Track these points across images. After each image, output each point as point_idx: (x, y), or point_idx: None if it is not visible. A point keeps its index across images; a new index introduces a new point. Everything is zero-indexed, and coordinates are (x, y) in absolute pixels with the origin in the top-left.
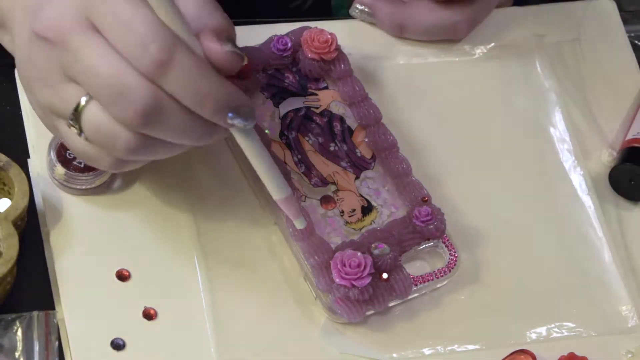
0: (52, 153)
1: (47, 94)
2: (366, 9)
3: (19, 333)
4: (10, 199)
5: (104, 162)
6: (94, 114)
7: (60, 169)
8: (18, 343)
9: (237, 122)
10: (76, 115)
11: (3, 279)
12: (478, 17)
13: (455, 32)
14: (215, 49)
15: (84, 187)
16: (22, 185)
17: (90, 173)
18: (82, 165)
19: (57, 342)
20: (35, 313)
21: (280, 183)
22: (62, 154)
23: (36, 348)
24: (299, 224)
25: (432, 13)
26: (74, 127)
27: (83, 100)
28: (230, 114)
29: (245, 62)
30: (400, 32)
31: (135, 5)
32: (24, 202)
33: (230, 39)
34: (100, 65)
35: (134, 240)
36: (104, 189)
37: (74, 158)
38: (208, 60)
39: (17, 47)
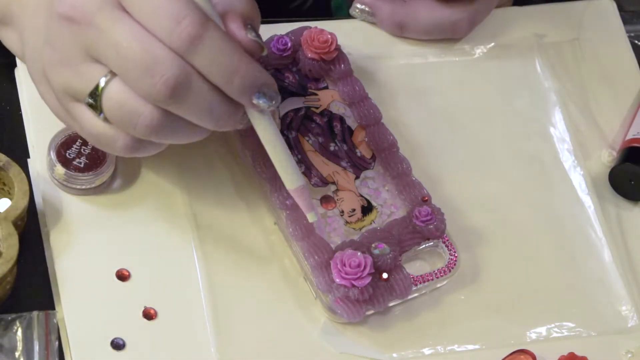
0: (52, 153)
1: (66, 75)
2: (366, 9)
3: (19, 333)
4: (10, 199)
5: (119, 144)
6: (116, 91)
7: (60, 169)
8: (18, 343)
9: (262, 102)
10: (96, 94)
11: (3, 279)
12: (478, 16)
13: (455, 31)
14: (239, 34)
15: (83, 187)
16: (22, 185)
17: (90, 173)
18: (82, 165)
19: (57, 342)
20: (35, 313)
21: (294, 172)
22: (62, 154)
23: (36, 348)
24: (311, 217)
25: (432, 12)
26: (92, 107)
27: (104, 80)
28: (256, 94)
29: (265, 53)
30: (401, 31)
31: None
32: (24, 202)
33: (254, 27)
34: (129, 40)
35: (134, 240)
36: (103, 188)
37: (74, 158)
38: None
39: (30, 37)
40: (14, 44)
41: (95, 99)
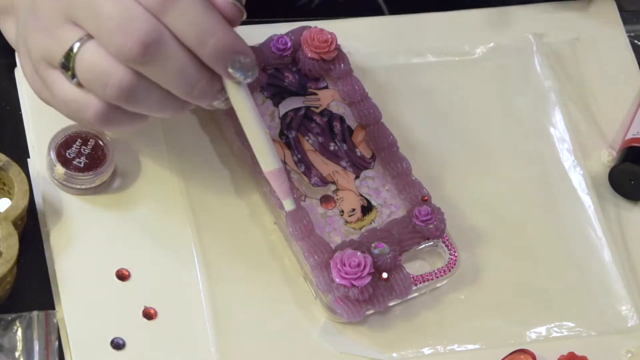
0: (52, 153)
1: (44, 40)
2: None
3: (19, 333)
4: (10, 199)
5: (90, 111)
6: (90, 53)
7: (60, 169)
8: (18, 343)
9: (238, 73)
10: (70, 56)
11: (3, 279)
12: None
13: None
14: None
15: (83, 186)
16: (22, 185)
17: (90, 173)
18: (82, 165)
19: (57, 342)
20: (35, 313)
21: (271, 154)
22: (62, 153)
23: (36, 348)
24: (288, 205)
25: None
26: (66, 70)
27: (79, 43)
28: (231, 63)
29: (244, 17)
30: None
31: None
32: (24, 202)
33: None
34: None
35: (134, 240)
36: (103, 188)
37: (74, 158)
38: None
39: (21, 13)
40: (12, 34)
41: (68, 61)
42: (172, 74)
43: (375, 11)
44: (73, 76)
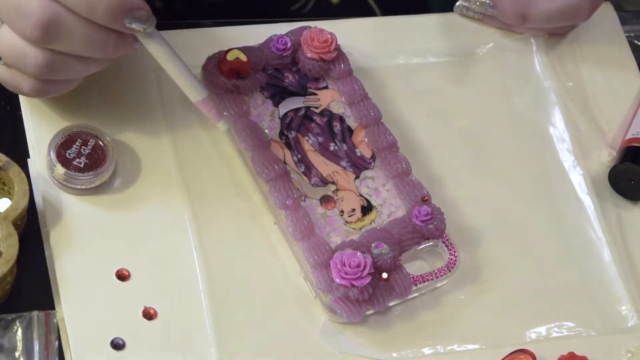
0: (51, 153)
1: None
2: (487, 0)
3: (19, 333)
4: (10, 199)
5: (25, 87)
6: (6, 35)
7: (60, 169)
8: (18, 343)
9: (136, 25)
10: None
11: (3, 279)
12: None
13: (578, 14)
14: None
15: (83, 187)
16: (22, 185)
17: (90, 173)
18: (81, 165)
19: (57, 342)
20: (35, 313)
21: (196, 85)
22: (62, 154)
23: (36, 348)
24: (222, 126)
25: None
26: None
27: None
28: (127, 18)
29: None
30: (523, 20)
31: None
32: (24, 202)
33: None
34: None
35: (134, 240)
36: (103, 188)
37: (74, 158)
38: None
39: None
40: None
41: None
42: (80, 44)
43: (368, 14)
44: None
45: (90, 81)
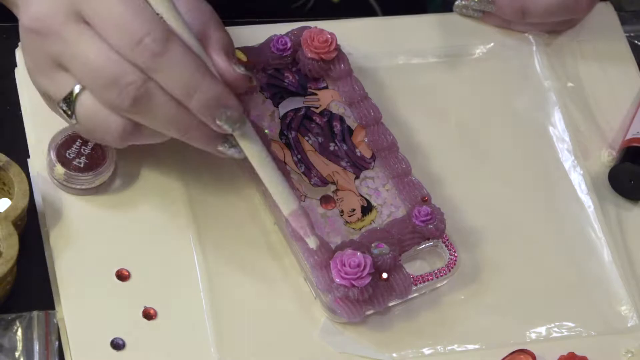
0: (52, 153)
1: (43, 82)
2: None
3: (19, 333)
4: (10, 199)
5: (106, 141)
6: (88, 101)
7: (60, 169)
8: (18, 343)
9: (225, 124)
10: (69, 102)
11: (3, 279)
12: None
13: (577, 8)
14: (227, 69)
15: (83, 187)
16: (22, 185)
17: (90, 173)
18: (81, 165)
19: (57, 342)
20: (35, 313)
21: (289, 195)
22: (62, 153)
23: (36, 348)
24: (312, 243)
25: None
26: (66, 113)
27: (77, 88)
28: (218, 115)
29: (254, 83)
30: (522, 16)
31: (127, 0)
32: (24, 202)
33: (234, 54)
34: (93, 54)
35: (134, 240)
36: (103, 188)
37: (74, 158)
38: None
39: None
40: None
41: (69, 106)
42: (163, 121)
43: (369, 13)
44: (74, 119)
45: None
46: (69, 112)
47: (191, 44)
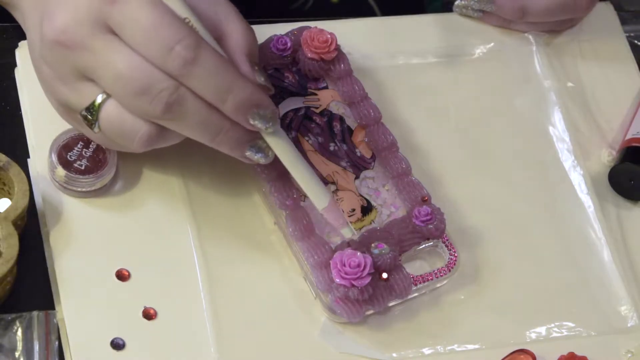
0: (53, 155)
1: (63, 92)
2: None
3: (19, 333)
4: (10, 199)
5: (128, 149)
6: (113, 110)
7: (61, 171)
8: (18, 343)
9: (258, 123)
10: (92, 111)
11: (3, 279)
12: None
13: (577, 6)
14: (250, 77)
15: (84, 189)
16: (22, 185)
17: (91, 175)
18: (83, 168)
19: (57, 342)
20: (35, 313)
21: (321, 191)
22: (63, 156)
23: (36, 348)
24: (347, 233)
25: None
26: (88, 121)
27: (100, 98)
28: (251, 114)
29: (272, 92)
30: (522, 14)
31: (154, 9)
32: (24, 202)
33: (257, 56)
34: (123, 65)
35: (134, 240)
36: (104, 190)
37: (75, 160)
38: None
39: (31, 44)
40: (23, 25)
41: (92, 114)
42: (194, 126)
43: (368, 13)
44: (96, 126)
45: None
46: (92, 121)
47: (214, 46)
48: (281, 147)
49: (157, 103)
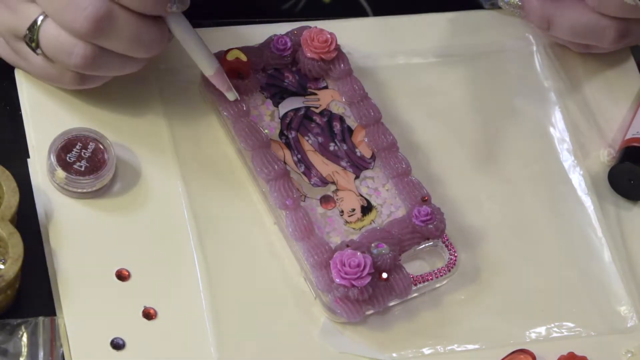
0: (52, 157)
1: (7, 16)
2: (516, 0)
3: (24, 338)
4: (0, 200)
5: (65, 79)
6: (51, 29)
7: (60, 173)
8: (23, 348)
9: (176, 7)
10: (33, 31)
11: (15, 280)
12: (631, 30)
13: (602, 37)
14: None
15: (84, 190)
16: (9, 182)
17: (91, 176)
18: (82, 169)
19: (61, 348)
20: (40, 318)
21: (209, 59)
22: (63, 157)
23: (41, 354)
24: (231, 96)
25: (583, 13)
26: (30, 44)
27: (41, 18)
28: (169, 3)
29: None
30: (548, 26)
31: None
32: (15, 200)
33: None
34: None
35: (134, 240)
36: (104, 192)
37: (74, 161)
38: None
39: None
40: None
41: (32, 36)
42: (128, 40)
43: (359, 13)
44: (38, 49)
45: None
46: (34, 40)
47: None
48: (177, 24)
49: (84, 20)
